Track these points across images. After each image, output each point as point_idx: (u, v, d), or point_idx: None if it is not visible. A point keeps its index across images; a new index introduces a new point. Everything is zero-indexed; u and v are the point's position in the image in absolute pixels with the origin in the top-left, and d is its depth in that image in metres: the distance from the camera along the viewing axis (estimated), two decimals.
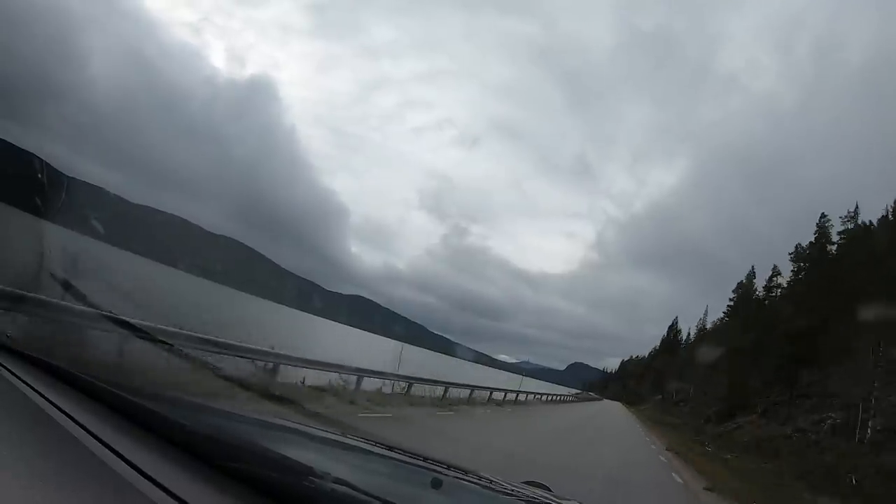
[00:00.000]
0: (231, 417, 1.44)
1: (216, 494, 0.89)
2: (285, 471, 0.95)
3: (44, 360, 1.33)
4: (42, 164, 3.84)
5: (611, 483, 8.24)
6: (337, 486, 0.90)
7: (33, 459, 0.92)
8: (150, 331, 5.60)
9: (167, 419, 1.09)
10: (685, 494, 10.10)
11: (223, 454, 0.97)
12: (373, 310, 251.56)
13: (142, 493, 0.86)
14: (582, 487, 6.42)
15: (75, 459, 0.96)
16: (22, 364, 1.32)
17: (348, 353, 19.06)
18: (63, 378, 1.26)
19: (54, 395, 1.16)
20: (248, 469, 0.93)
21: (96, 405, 1.15)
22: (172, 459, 0.96)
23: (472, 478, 1.49)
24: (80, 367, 1.37)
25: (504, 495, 1.45)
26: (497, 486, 1.48)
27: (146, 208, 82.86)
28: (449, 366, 33.61)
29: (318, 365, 10.62)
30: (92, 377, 1.24)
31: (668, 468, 13.52)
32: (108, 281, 6.53)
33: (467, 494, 1.40)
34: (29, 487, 0.82)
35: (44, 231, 3.44)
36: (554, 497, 1.58)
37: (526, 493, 1.50)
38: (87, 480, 0.90)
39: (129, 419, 1.09)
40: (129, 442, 1.00)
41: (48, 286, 2.86)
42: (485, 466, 1.71)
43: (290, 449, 1.30)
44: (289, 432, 1.50)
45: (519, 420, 17.67)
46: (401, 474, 1.43)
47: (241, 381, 5.23)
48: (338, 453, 1.46)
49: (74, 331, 4.10)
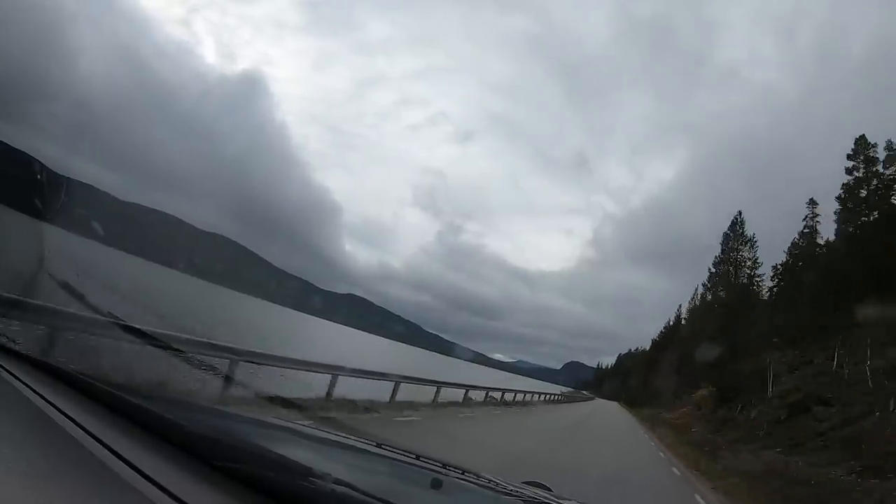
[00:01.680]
0: (231, 418, 1.44)
1: (216, 495, 0.89)
2: (285, 471, 0.95)
3: (44, 362, 1.34)
4: (36, 164, 3.80)
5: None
6: (336, 486, 0.90)
7: (34, 460, 0.92)
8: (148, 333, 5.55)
9: (167, 420, 1.09)
10: None
11: (223, 454, 0.97)
12: (367, 309, 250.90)
13: (141, 493, 0.86)
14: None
15: (75, 460, 0.96)
16: (22, 366, 1.32)
17: (332, 353, 18.69)
18: (63, 379, 1.26)
19: (54, 397, 1.16)
20: (248, 469, 0.93)
21: (96, 406, 1.15)
22: (172, 460, 0.96)
23: (471, 478, 1.49)
24: (79, 368, 1.36)
25: (504, 495, 1.46)
26: (497, 486, 1.48)
27: (136, 206, 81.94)
28: (422, 363, 31.85)
29: (289, 363, 9.78)
30: (92, 379, 1.24)
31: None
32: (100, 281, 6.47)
33: (467, 494, 1.40)
34: (29, 488, 0.82)
35: (38, 231, 3.42)
36: (554, 497, 1.58)
37: (526, 493, 1.50)
38: (87, 481, 0.90)
39: (128, 420, 1.09)
40: (128, 442, 1.00)
41: (47, 289, 2.84)
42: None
43: (290, 449, 1.30)
44: (289, 432, 1.50)
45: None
46: (400, 474, 1.43)
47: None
48: (337, 453, 1.46)
49: (74, 334, 4.08)
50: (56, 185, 4.87)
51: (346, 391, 10.51)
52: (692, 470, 14.04)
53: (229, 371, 7.41)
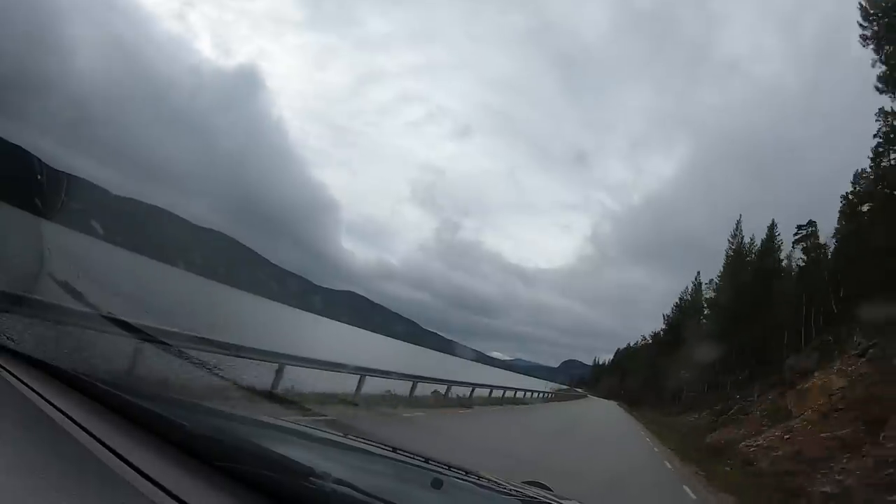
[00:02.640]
0: (231, 418, 1.44)
1: (216, 495, 0.89)
2: (285, 471, 0.95)
3: (44, 362, 1.33)
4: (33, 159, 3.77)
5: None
6: (337, 486, 0.90)
7: (34, 460, 0.92)
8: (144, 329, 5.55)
9: (167, 420, 1.09)
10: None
11: (223, 454, 0.97)
12: (364, 306, 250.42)
13: (142, 493, 0.86)
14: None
15: (75, 460, 0.96)
16: (22, 366, 1.32)
17: (326, 350, 17.89)
18: (63, 379, 1.26)
19: (54, 397, 1.16)
20: (249, 469, 0.93)
21: (96, 406, 1.15)
22: (172, 460, 0.96)
23: (472, 478, 1.49)
24: (79, 368, 1.36)
25: (504, 495, 1.46)
26: (497, 487, 1.49)
27: (130, 200, 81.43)
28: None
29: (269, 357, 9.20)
30: (92, 378, 1.24)
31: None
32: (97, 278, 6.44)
33: (467, 495, 1.41)
34: (29, 488, 0.82)
35: (35, 227, 3.40)
36: (554, 497, 1.58)
37: (526, 493, 1.51)
38: (87, 481, 0.90)
39: (129, 420, 1.09)
40: (129, 442, 1.00)
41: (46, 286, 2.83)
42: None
43: (290, 449, 1.30)
44: (289, 432, 1.50)
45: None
46: (401, 475, 1.43)
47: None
48: (338, 454, 1.46)
49: (73, 331, 4.05)
50: (52, 180, 4.84)
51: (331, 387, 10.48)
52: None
53: (213, 367, 7.40)
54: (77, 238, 6.03)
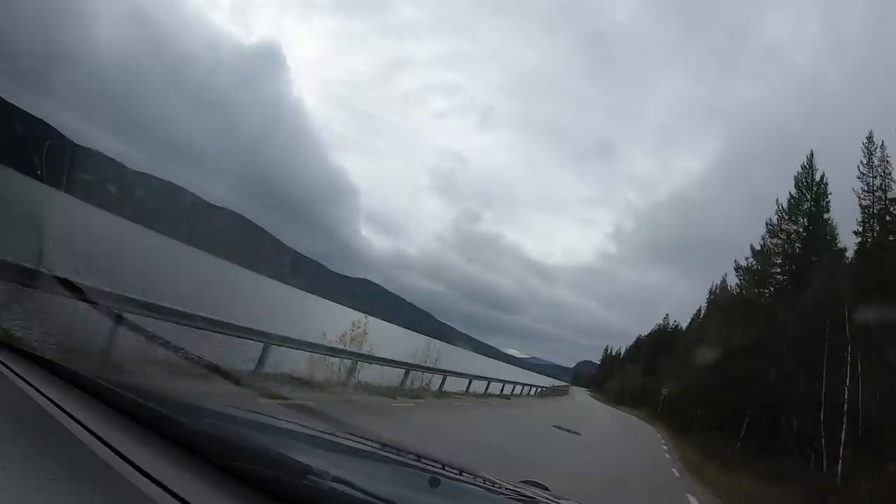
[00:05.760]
0: (231, 417, 1.45)
1: (216, 493, 0.89)
2: (285, 470, 0.95)
3: (44, 358, 1.33)
4: (52, 130, 3.80)
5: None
6: (336, 485, 0.90)
7: (34, 458, 0.92)
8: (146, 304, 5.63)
9: (168, 418, 1.10)
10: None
11: (223, 453, 0.97)
12: (379, 294, 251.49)
13: (142, 491, 0.86)
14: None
15: (75, 458, 0.96)
16: (23, 362, 1.32)
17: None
18: (64, 376, 1.26)
19: (55, 394, 1.16)
20: (248, 468, 0.93)
21: (97, 403, 1.15)
22: (173, 458, 0.97)
23: (470, 477, 1.49)
24: (79, 363, 1.37)
25: (502, 495, 1.45)
26: (495, 486, 1.48)
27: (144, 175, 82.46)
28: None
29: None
30: (93, 376, 1.24)
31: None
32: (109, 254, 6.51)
33: (465, 494, 1.40)
34: (29, 487, 0.82)
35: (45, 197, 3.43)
36: (553, 497, 1.57)
37: (524, 492, 1.50)
38: (87, 479, 0.90)
39: (129, 418, 1.10)
40: (129, 440, 1.01)
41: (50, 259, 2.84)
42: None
43: (290, 448, 1.30)
44: (289, 432, 1.51)
45: None
46: (399, 473, 1.43)
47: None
48: (337, 453, 1.46)
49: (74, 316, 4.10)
50: (67, 151, 4.89)
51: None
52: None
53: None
54: (84, 209, 6.05)
